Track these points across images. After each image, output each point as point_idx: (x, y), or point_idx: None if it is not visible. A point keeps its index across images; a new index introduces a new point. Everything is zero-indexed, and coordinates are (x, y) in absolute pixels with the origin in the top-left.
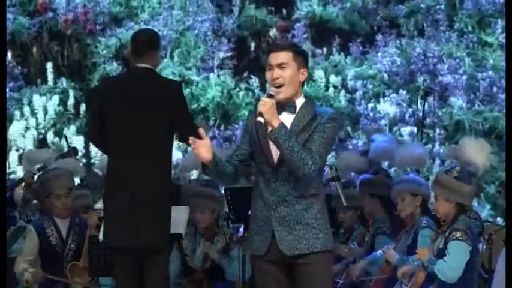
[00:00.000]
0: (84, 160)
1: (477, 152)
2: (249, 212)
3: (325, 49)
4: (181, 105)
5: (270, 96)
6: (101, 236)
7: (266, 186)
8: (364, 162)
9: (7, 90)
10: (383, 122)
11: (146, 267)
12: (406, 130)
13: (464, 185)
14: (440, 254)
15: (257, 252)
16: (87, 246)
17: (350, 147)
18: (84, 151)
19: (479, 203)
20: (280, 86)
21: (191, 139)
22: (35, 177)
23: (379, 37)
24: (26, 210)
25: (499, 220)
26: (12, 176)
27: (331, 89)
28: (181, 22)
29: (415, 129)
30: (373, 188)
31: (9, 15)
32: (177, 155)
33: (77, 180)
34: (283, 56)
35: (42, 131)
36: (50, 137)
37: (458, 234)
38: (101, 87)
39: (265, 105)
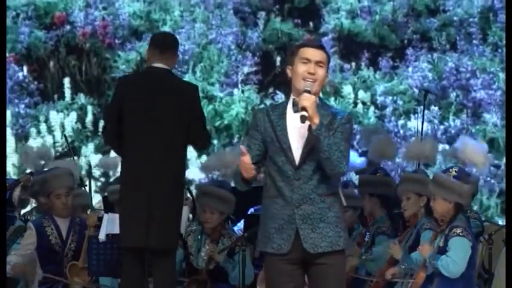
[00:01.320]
0: (103, 179)
1: (476, 151)
2: (251, 211)
3: (353, 64)
4: (196, 107)
5: (309, 92)
6: (100, 236)
7: (287, 184)
8: (363, 162)
9: (22, 106)
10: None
11: (155, 267)
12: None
13: (463, 184)
14: (441, 252)
15: (278, 251)
16: (86, 246)
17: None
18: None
19: None
20: (313, 82)
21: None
22: (32, 178)
23: (409, 51)
24: (23, 209)
25: None
26: None
27: (360, 105)
28: (204, 36)
29: (447, 147)
30: (372, 188)
31: (24, 29)
32: None
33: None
34: (322, 55)
35: (60, 149)
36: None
37: (459, 230)
38: (119, 85)
39: (309, 100)
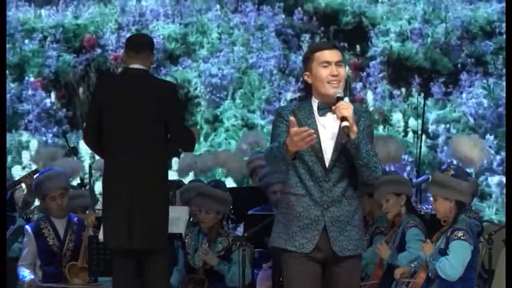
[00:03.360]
0: None
1: (472, 147)
2: (249, 210)
3: (403, 89)
4: (174, 105)
5: (342, 98)
6: (100, 236)
7: (316, 185)
8: None
9: (50, 135)
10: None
11: (146, 268)
12: (493, 180)
13: (462, 181)
14: (442, 253)
15: (300, 249)
16: (85, 245)
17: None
18: None
19: None
20: (338, 83)
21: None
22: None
23: (463, 76)
24: (26, 212)
25: None
26: None
27: (410, 134)
28: (244, 59)
29: (503, 178)
30: (371, 188)
31: (52, 52)
32: None
33: (76, 181)
34: (339, 54)
35: (88, 181)
36: (98, 187)
37: (460, 233)
38: (96, 89)
39: (349, 108)
